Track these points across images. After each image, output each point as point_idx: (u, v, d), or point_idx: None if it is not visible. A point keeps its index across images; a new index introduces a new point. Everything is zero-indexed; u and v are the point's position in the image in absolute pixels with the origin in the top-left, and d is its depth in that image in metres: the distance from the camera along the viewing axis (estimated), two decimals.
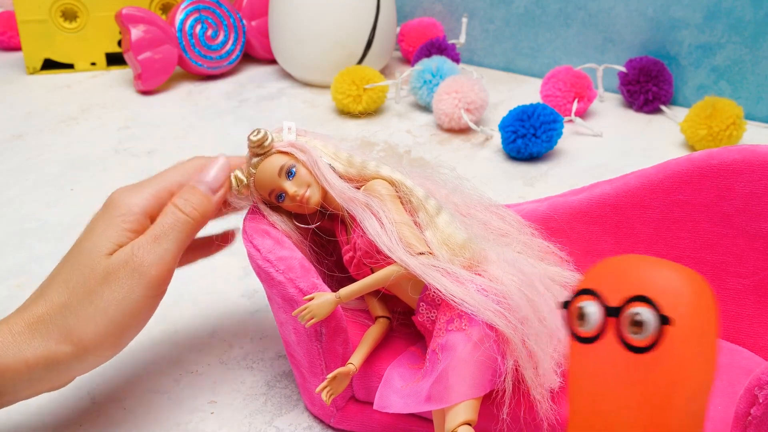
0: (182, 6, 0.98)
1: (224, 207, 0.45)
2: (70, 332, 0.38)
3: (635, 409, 0.28)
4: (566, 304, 0.30)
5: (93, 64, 1.05)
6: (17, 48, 1.13)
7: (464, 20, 1.04)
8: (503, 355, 0.37)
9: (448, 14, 1.08)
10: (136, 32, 0.95)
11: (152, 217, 0.42)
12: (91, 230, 0.41)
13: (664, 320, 0.27)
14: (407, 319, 0.45)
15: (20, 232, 0.67)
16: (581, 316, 0.29)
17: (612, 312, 0.28)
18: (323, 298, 0.39)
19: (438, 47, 0.97)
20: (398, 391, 0.40)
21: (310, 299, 0.40)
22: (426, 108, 0.92)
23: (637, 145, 0.82)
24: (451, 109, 0.84)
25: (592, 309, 0.29)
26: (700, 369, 0.28)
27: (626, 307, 0.28)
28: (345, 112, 0.91)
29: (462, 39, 1.05)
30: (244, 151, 0.44)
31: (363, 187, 0.43)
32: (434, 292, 0.39)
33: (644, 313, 0.27)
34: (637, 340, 0.28)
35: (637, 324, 0.27)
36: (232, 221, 0.49)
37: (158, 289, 0.41)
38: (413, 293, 0.41)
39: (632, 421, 0.28)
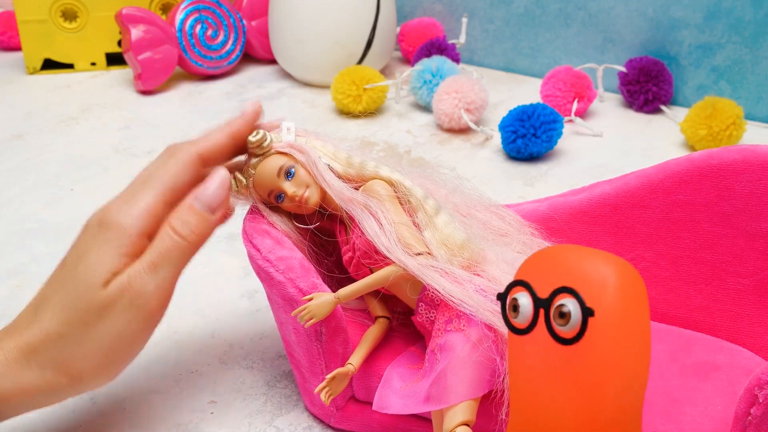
0: (182, 6, 0.98)
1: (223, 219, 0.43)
2: (67, 365, 0.37)
3: (568, 400, 0.28)
4: (502, 296, 0.30)
5: (93, 64, 1.05)
6: (17, 48, 1.13)
7: (464, 20, 1.04)
8: (502, 355, 0.37)
9: (448, 14, 1.08)
10: (136, 32, 0.95)
11: (148, 235, 0.39)
12: (85, 253, 0.38)
13: (587, 312, 0.27)
14: (407, 319, 0.45)
15: (20, 232, 0.67)
16: (515, 307, 0.29)
17: (542, 303, 0.29)
18: (322, 299, 0.39)
19: (438, 47, 0.97)
20: (397, 391, 0.40)
21: (310, 299, 0.40)
22: (426, 108, 0.92)
23: (637, 145, 0.82)
24: (451, 109, 0.84)
25: (525, 301, 0.29)
26: (630, 360, 0.28)
27: (554, 298, 0.28)
28: (345, 112, 0.91)
29: (462, 39, 1.05)
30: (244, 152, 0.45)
31: (362, 187, 0.43)
32: (433, 292, 0.39)
33: (569, 304, 0.27)
34: (564, 331, 0.28)
35: (563, 315, 0.27)
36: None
37: (156, 318, 0.39)
38: (412, 293, 0.41)
39: (566, 413, 0.28)
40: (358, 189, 0.43)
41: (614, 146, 0.82)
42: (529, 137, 0.77)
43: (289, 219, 0.45)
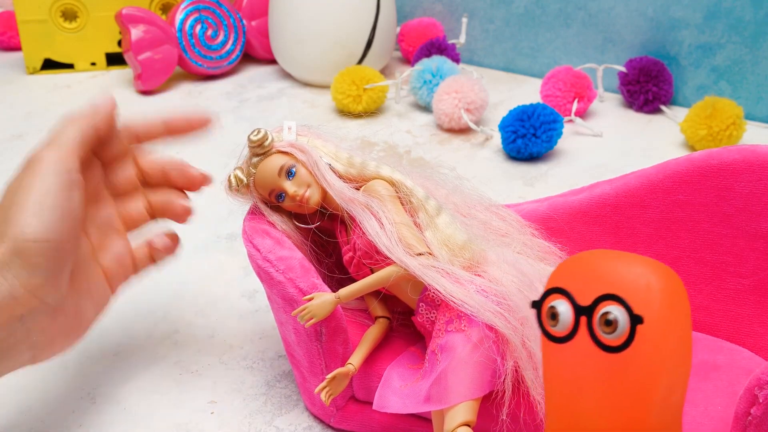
0: (182, 6, 0.98)
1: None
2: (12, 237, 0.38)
3: (612, 408, 0.28)
4: (537, 304, 0.29)
5: (93, 64, 1.05)
6: (17, 48, 1.13)
7: (464, 20, 1.04)
8: (503, 355, 0.38)
9: (448, 14, 1.08)
10: (136, 32, 0.95)
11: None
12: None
13: (636, 319, 0.27)
14: (407, 320, 0.45)
15: None
16: (553, 315, 0.29)
17: (583, 311, 0.28)
18: (323, 299, 0.39)
19: (438, 47, 0.97)
20: (397, 391, 0.40)
21: (310, 299, 0.40)
22: (426, 108, 0.92)
23: (637, 145, 0.82)
24: (451, 109, 0.84)
25: (564, 308, 0.28)
26: (676, 364, 0.28)
27: (598, 306, 0.28)
28: (345, 112, 0.91)
29: (462, 39, 1.05)
30: (244, 151, 0.45)
31: (363, 187, 0.43)
32: (434, 292, 0.39)
33: (615, 311, 0.27)
34: (610, 339, 0.27)
35: (609, 323, 0.27)
36: (231, 227, 0.49)
37: (64, 167, 0.40)
38: (413, 294, 0.41)
39: (610, 419, 0.28)
40: (358, 189, 0.43)
41: (614, 146, 0.82)
42: (529, 137, 0.77)
43: (290, 219, 0.45)
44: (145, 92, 0.98)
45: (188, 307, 0.56)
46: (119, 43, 1.05)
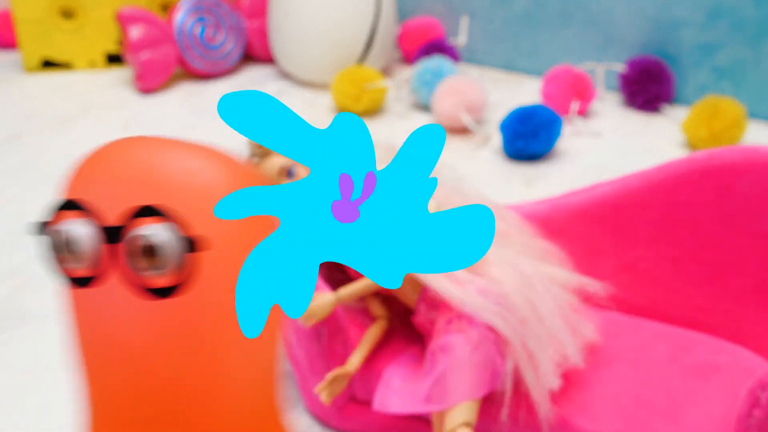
0: (182, 6, 0.98)
1: None
2: None
3: (177, 377, 0.18)
4: (43, 228, 0.19)
5: (92, 63, 1.05)
6: (16, 47, 1.12)
7: (464, 20, 1.04)
8: (503, 356, 0.37)
9: (448, 14, 1.07)
10: (135, 32, 0.95)
11: None
12: None
13: (190, 245, 0.17)
14: (407, 319, 0.45)
15: (20, 232, 0.67)
16: (67, 244, 0.19)
17: (115, 235, 0.18)
18: (322, 299, 0.39)
19: (438, 47, 0.97)
20: (398, 391, 0.40)
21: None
22: (426, 108, 0.92)
23: (637, 145, 0.82)
24: (451, 109, 0.84)
25: (82, 231, 0.19)
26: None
27: (130, 225, 0.18)
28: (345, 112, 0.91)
29: (462, 39, 1.05)
30: (244, 152, 0.44)
31: None
32: (433, 292, 0.39)
33: (157, 233, 0.17)
34: (153, 277, 0.17)
35: (150, 252, 0.17)
36: None
37: None
38: (412, 294, 0.41)
39: (175, 390, 0.19)
40: None
41: (614, 146, 0.82)
42: (529, 138, 0.77)
43: None
44: (145, 92, 0.98)
45: None
46: (119, 43, 1.05)
